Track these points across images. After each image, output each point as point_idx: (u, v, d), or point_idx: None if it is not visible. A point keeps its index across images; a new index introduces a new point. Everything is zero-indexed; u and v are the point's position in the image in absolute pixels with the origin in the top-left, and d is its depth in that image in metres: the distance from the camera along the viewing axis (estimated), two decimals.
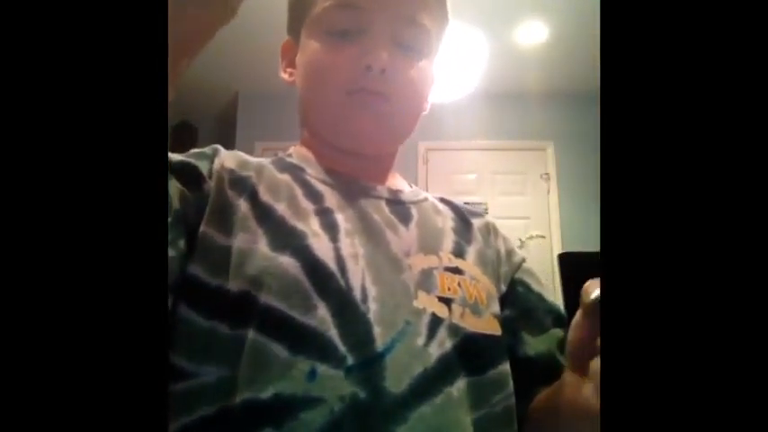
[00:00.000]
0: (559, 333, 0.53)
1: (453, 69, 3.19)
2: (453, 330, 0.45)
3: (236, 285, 0.42)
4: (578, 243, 3.31)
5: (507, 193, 3.76)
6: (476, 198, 3.64)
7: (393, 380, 0.40)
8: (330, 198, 0.50)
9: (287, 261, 0.43)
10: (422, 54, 0.55)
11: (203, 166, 0.48)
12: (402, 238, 0.50)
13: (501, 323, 0.50)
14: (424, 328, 0.44)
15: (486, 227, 0.60)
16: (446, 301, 0.47)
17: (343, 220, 0.48)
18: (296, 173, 0.52)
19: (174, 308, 0.42)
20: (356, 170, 0.55)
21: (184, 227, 0.44)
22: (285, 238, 0.45)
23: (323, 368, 0.39)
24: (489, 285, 0.52)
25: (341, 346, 0.40)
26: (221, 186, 0.47)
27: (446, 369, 0.43)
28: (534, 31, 3.17)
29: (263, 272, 0.42)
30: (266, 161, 0.54)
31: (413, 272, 0.47)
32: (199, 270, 0.43)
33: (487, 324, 0.48)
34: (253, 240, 0.44)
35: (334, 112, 0.53)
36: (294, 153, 0.58)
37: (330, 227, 0.47)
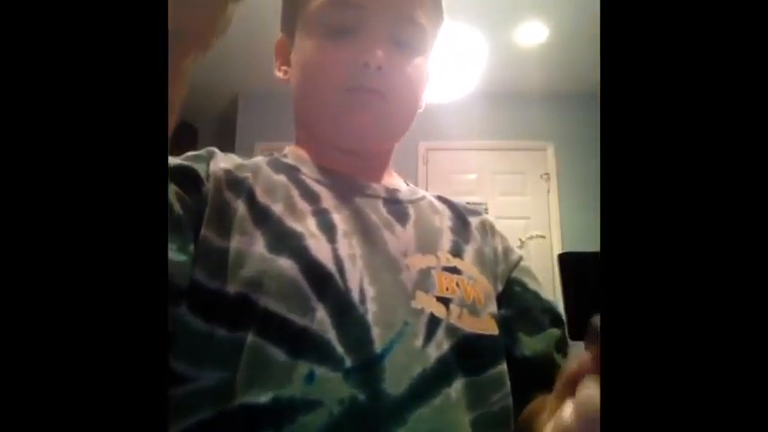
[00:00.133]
0: (556, 333, 0.53)
1: (453, 69, 3.19)
2: (451, 331, 0.45)
3: (234, 288, 0.42)
4: (578, 243, 3.31)
5: (507, 193, 3.76)
6: (476, 198, 3.64)
7: (392, 381, 0.40)
8: (327, 198, 0.50)
9: (285, 263, 0.43)
10: (418, 51, 0.54)
11: (201, 169, 0.48)
12: (399, 238, 0.50)
13: (498, 323, 0.50)
14: (422, 328, 0.44)
15: (484, 225, 0.59)
16: (444, 301, 0.46)
17: (340, 221, 0.48)
18: (291, 173, 0.52)
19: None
20: (352, 169, 0.55)
21: (191, 231, 0.43)
22: (283, 239, 0.44)
23: (321, 371, 0.39)
24: (487, 285, 0.52)
25: (339, 348, 0.40)
26: (219, 188, 0.47)
27: (444, 370, 0.43)
28: (534, 32, 3.17)
29: (261, 274, 0.42)
30: (262, 161, 0.54)
31: (411, 272, 0.47)
32: (198, 273, 0.43)
33: (485, 324, 0.48)
34: (250, 242, 0.44)
35: (331, 110, 0.53)
36: (289, 153, 0.57)
37: (327, 227, 0.47)
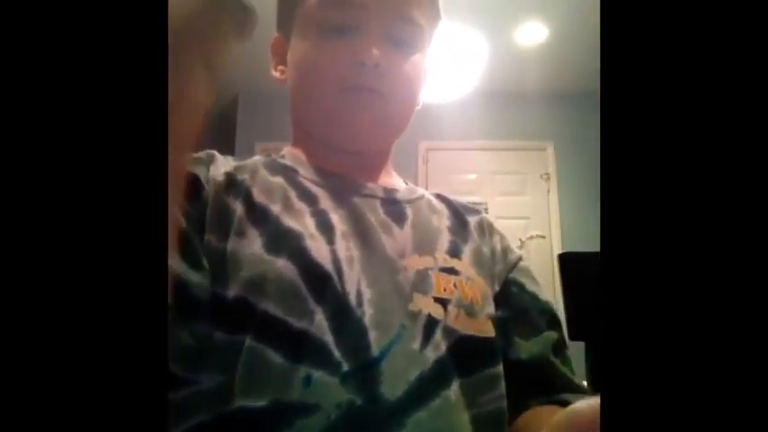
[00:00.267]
0: (553, 336, 0.53)
1: (453, 69, 3.18)
2: (449, 332, 0.45)
3: (233, 291, 0.42)
4: (578, 243, 3.31)
5: (507, 193, 3.76)
6: (476, 198, 3.64)
7: (389, 385, 0.40)
8: (324, 199, 0.50)
9: (284, 265, 0.42)
10: (415, 49, 0.54)
11: (201, 173, 0.47)
12: (396, 240, 0.49)
13: (495, 324, 0.50)
14: (419, 331, 0.44)
15: (482, 224, 0.59)
16: (442, 302, 0.46)
17: (338, 222, 0.48)
18: (289, 175, 0.52)
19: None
20: (350, 168, 0.55)
21: (199, 243, 0.43)
22: (281, 240, 0.44)
23: (318, 374, 0.39)
24: (484, 286, 0.51)
25: (336, 352, 0.40)
26: (218, 192, 0.47)
27: (442, 372, 0.43)
28: (534, 32, 3.17)
29: (259, 276, 0.42)
30: (259, 162, 0.53)
31: (408, 273, 0.47)
32: None
33: (482, 326, 0.48)
34: (248, 244, 0.44)
35: (329, 110, 0.53)
36: (287, 154, 0.57)
37: (325, 229, 0.47)
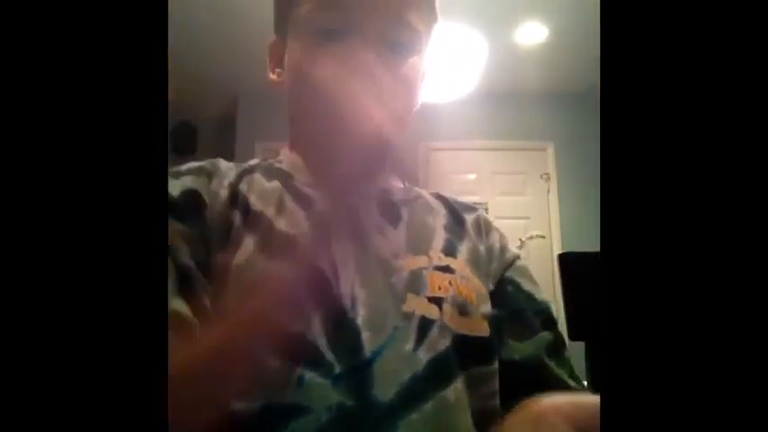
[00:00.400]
0: (547, 336, 0.52)
1: (453, 69, 3.18)
2: (444, 332, 0.45)
3: (230, 298, 0.42)
4: (578, 243, 3.30)
5: (507, 193, 3.76)
6: (476, 198, 3.64)
7: (381, 387, 0.40)
8: (319, 202, 0.50)
9: (280, 269, 0.43)
10: (412, 51, 0.54)
11: (202, 188, 0.48)
12: (391, 241, 0.50)
13: (490, 323, 0.49)
14: (413, 331, 0.44)
15: (479, 222, 0.59)
16: (436, 301, 0.46)
17: (333, 224, 0.48)
18: (285, 180, 0.52)
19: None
20: (346, 170, 0.55)
21: (203, 286, 0.43)
22: (277, 246, 0.45)
23: (310, 376, 0.39)
24: (479, 285, 0.51)
25: (329, 354, 0.40)
26: (222, 206, 0.47)
27: (437, 373, 0.43)
28: (533, 32, 3.17)
29: (257, 282, 0.42)
30: (257, 167, 0.54)
31: (402, 274, 0.47)
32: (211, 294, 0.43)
33: (476, 325, 0.48)
34: (246, 250, 0.44)
35: (325, 113, 0.52)
36: (284, 158, 0.58)
37: (320, 231, 0.47)
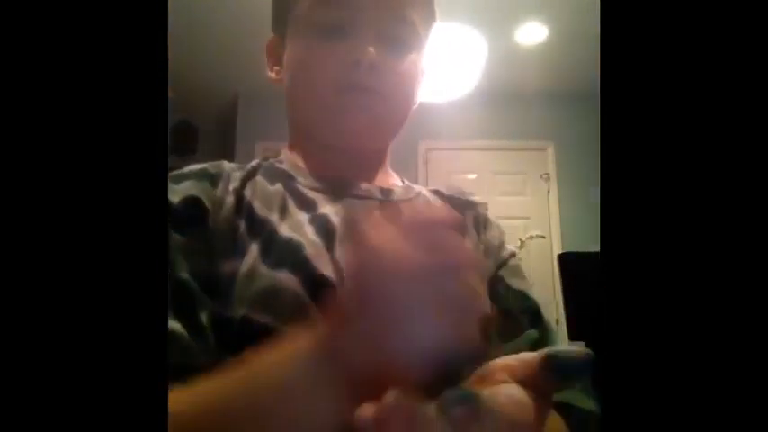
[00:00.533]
0: (533, 334, 0.52)
1: (453, 69, 3.18)
2: None
3: (239, 311, 0.41)
4: (578, 243, 3.31)
5: (507, 193, 3.76)
6: (476, 198, 3.64)
7: None
8: (322, 203, 0.50)
9: (285, 277, 0.42)
10: (411, 48, 0.54)
11: (205, 194, 0.47)
12: None
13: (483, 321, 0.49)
14: None
15: (478, 219, 0.59)
16: None
17: (336, 226, 0.48)
18: (287, 182, 0.52)
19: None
20: (347, 169, 0.54)
21: (205, 302, 0.42)
22: (282, 252, 0.44)
23: None
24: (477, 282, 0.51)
25: None
26: (226, 213, 0.47)
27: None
28: (533, 32, 3.17)
29: (262, 292, 0.42)
30: (259, 168, 0.53)
31: None
32: (217, 305, 0.42)
33: None
34: (250, 259, 0.44)
35: (325, 110, 0.52)
36: (285, 158, 0.57)
37: (325, 234, 0.47)
